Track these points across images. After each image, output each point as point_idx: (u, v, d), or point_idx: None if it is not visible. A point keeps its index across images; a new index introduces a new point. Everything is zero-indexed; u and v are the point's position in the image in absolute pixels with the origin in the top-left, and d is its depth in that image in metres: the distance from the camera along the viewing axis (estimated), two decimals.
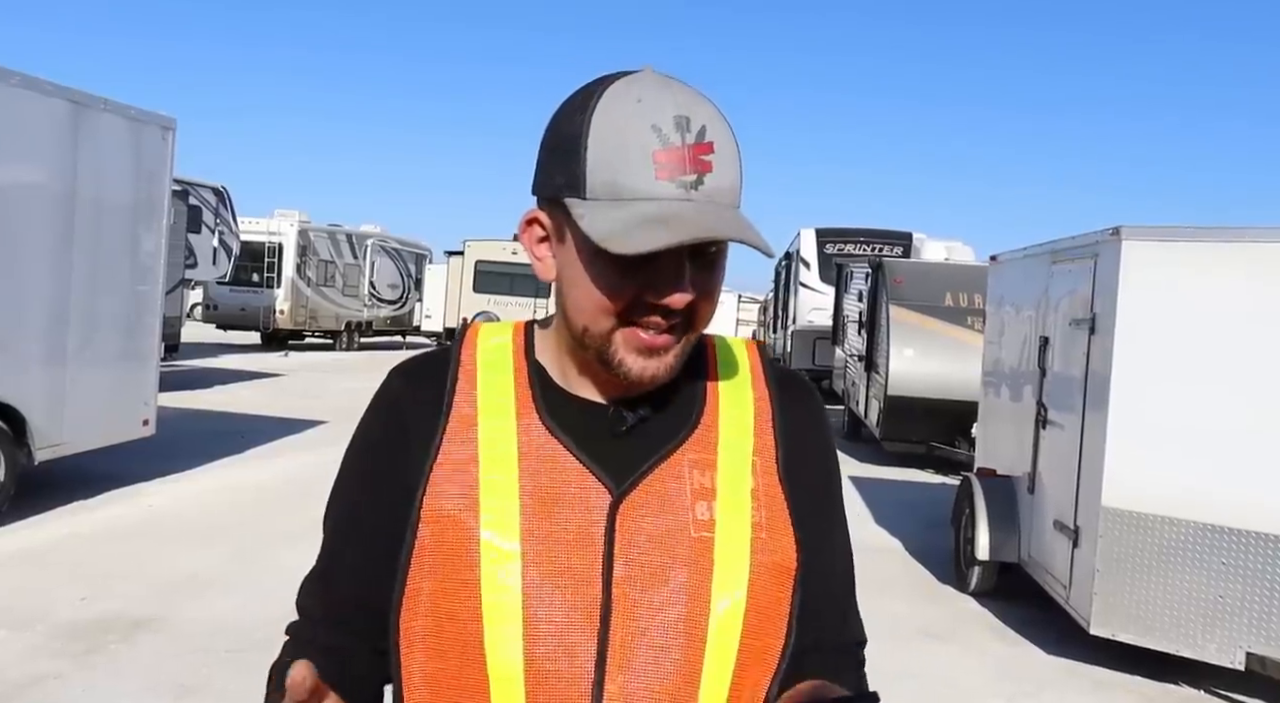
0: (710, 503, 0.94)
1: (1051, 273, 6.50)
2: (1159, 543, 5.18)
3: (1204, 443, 5.07)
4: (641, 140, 0.87)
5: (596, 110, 0.89)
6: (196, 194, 15.91)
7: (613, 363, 0.93)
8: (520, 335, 1.04)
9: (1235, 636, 4.99)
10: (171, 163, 8.49)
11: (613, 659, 0.89)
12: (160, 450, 8.94)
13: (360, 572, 0.99)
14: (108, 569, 5.97)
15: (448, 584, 0.91)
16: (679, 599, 0.91)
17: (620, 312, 0.91)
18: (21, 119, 6.80)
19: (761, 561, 0.94)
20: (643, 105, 0.88)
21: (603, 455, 0.94)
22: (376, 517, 0.98)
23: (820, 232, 20.26)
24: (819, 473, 1.05)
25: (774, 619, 0.95)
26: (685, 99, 0.89)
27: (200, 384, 15.40)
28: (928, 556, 7.86)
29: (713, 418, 0.99)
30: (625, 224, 0.86)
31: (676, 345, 0.93)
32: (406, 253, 29.38)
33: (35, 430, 7.05)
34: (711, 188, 0.88)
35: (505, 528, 0.91)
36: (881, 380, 12.11)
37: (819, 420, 1.08)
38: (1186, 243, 5.28)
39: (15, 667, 4.51)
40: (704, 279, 0.91)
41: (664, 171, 0.86)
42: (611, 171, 0.87)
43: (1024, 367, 7.01)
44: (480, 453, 0.94)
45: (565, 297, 0.95)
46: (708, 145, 0.88)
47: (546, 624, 0.89)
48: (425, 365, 1.04)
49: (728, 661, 0.91)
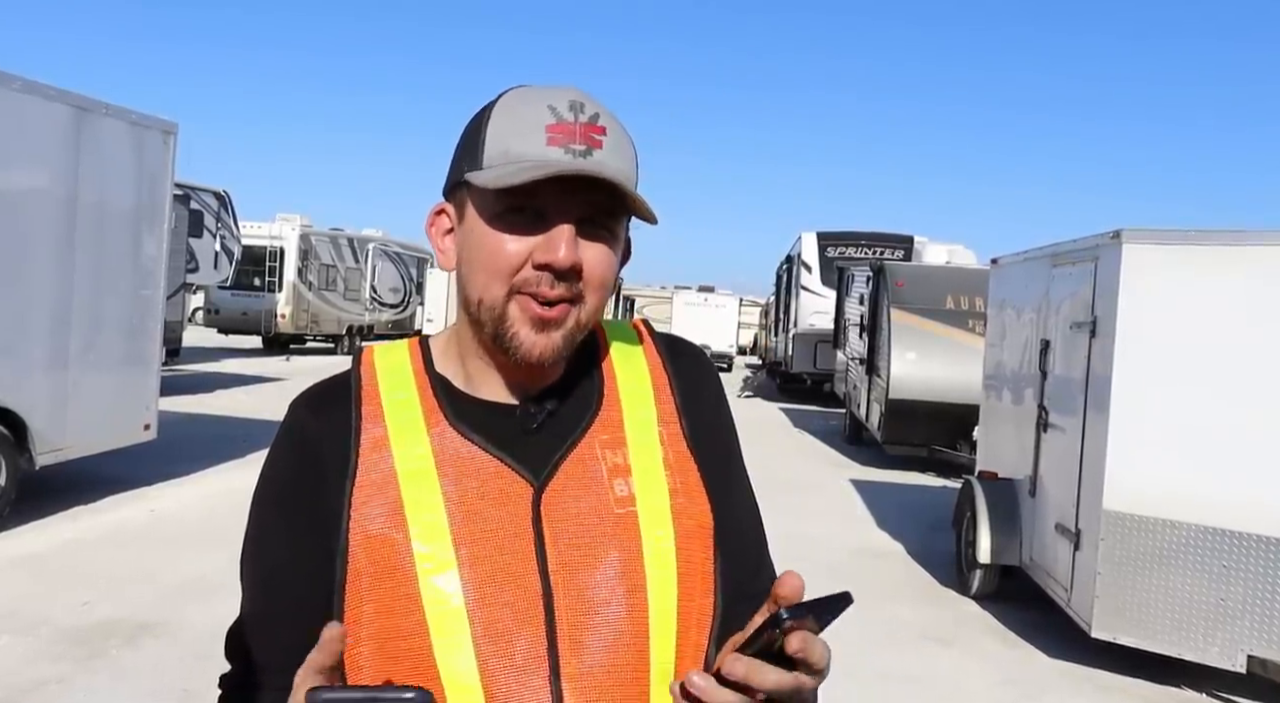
0: (627, 479, 0.97)
1: (1052, 276, 6.51)
2: (1160, 546, 5.18)
3: (1205, 446, 5.07)
4: (536, 115, 0.93)
5: (498, 102, 0.96)
6: (198, 198, 15.93)
7: (507, 337, 0.94)
8: (416, 351, 1.05)
9: (1237, 638, 4.99)
10: (173, 167, 8.51)
11: (564, 644, 0.90)
12: (162, 455, 8.95)
13: (298, 612, 0.95)
14: (110, 574, 5.98)
15: (389, 603, 0.91)
16: (614, 574, 0.93)
17: (512, 273, 0.93)
18: (23, 124, 6.82)
19: (683, 525, 0.97)
20: (542, 92, 0.95)
21: (518, 452, 0.96)
22: (303, 553, 0.96)
23: (821, 235, 20.28)
24: (719, 431, 1.08)
25: (703, 578, 0.98)
26: (583, 94, 0.95)
27: (202, 388, 15.41)
28: (929, 559, 7.86)
29: (614, 397, 1.02)
30: (508, 171, 0.91)
31: (565, 323, 0.95)
32: (408, 257, 29.41)
33: (37, 435, 7.05)
34: (600, 160, 0.92)
35: (436, 538, 0.92)
36: (883, 384, 12.11)
37: (711, 380, 1.11)
38: (1187, 246, 5.29)
39: (18, 672, 4.51)
40: (594, 249, 0.94)
41: (555, 141, 0.92)
42: (506, 142, 0.93)
43: (1025, 370, 7.01)
44: (398, 469, 0.95)
45: (463, 277, 0.98)
46: (600, 127, 0.93)
47: (493, 624, 0.90)
48: (326, 393, 1.03)
49: (669, 625, 0.93)
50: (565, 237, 0.92)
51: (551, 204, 0.92)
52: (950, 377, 11.30)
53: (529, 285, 0.93)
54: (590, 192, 0.91)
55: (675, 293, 32.00)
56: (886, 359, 12.02)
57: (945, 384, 11.36)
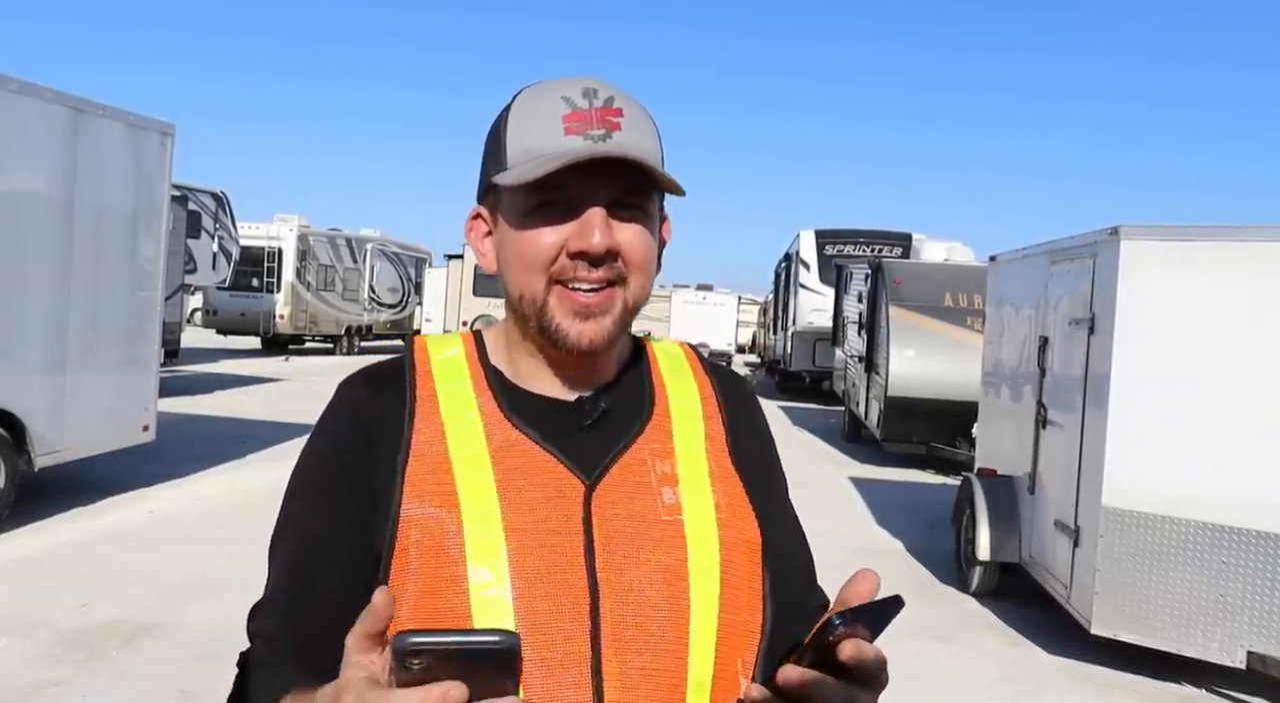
0: (674, 488, 0.98)
1: (1050, 273, 6.51)
2: (1160, 542, 5.18)
3: (1204, 442, 5.08)
4: (551, 108, 0.94)
5: (514, 102, 0.98)
6: (196, 199, 15.92)
7: (551, 329, 0.95)
8: (470, 343, 1.06)
9: (1236, 634, 4.99)
10: (170, 168, 8.50)
11: (607, 642, 0.90)
12: (161, 456, 8.95)
13: (337, 587, 0.93)
14: (109, 575, 5.97)
15: (433, 584, 0.90)
16: (659, 579, 0.93)
17: (549, 266, 0.94)
18: (20, 125, 6.81)
19: (728, 538, 0.97)
20: (555, 85, 0.96)
21: (570, 448, 0.97)
22: (347, 529, 0.95)
23: (820, 233, 20.29)
24: (764, 456, 1.10)
25: (747, 594, 0.98)
26: (596, 80, 0.96)
27: (200, 389, 15.40)
28: (929, 556, 7.86)
29: (664, 409, 1.04)
30: (532, 166, 0.92)
31: (613, 307, 0.96)
32: (406, 257, 29.39)
33: (35, 437, 7.05)
34: (620, 141, 0.93)
35: (487, 523, 0.91)
36: (882, 381, 12.11)
37: (755, 406, 1.14)
38: (1185, 242, 5.29)
39: (18, 674, 4.51)
40: (629, 229, 0.95)
41: (573, 129, 0.93)
42: (525, 139, 0.94)
43: (1024, 367, 7.01)
44: (451, 453, 0.95)
45: (504, 275, 0.99)
46: (616, 110, 0.94)
47: (538, 614, 0.89)
48: (381, 374, 1.03)
49: (709, 635, 0.93)
50: (596, 221, 0.92)
51: (579, 192, 0.93)
52: (949, 374, 11.30)
53: (566, 274, 0.94)
54: (615, 174, 0.92)
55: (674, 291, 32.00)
56: (885, 357, 12.02)
57: (944, 381, 11.36)
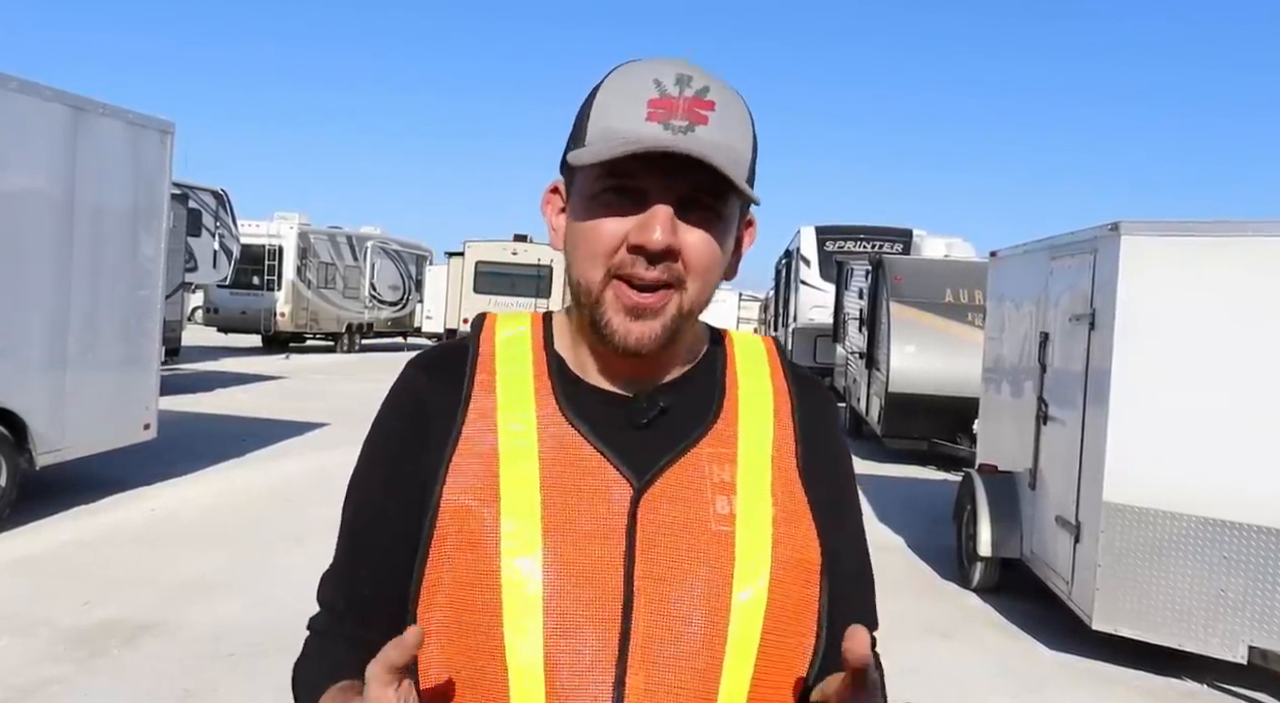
0: (730, 498, 0.93)
1: (1051, 269, 6.50)
2: (1161, 538, 5.18)
3: (1205, 437, 5.07)
4: (639, 88, 0.89)
5: (607, 78, 0.93)
6: (196, 197, 15.92)
7: (601, 323, 0.92)
8: (538, 325, 1.03)
9: (1238, 630, 4.99)
10: (170, 166, 8.50)
11: (634, 654, 0.87)
12: (162, 454, 8.94)
13: (381, 564, 0.97)
14: (110, 574, 5.98)
15: (467, 575, 0.90)
16: (699, 593, 0.89)
17: (609, 257, 0.90)
18: (20, 124, 6.80)
19: (782, 555, 0.93)
20: (650, 65, 0.91)
21: (622, 447, 0.93)
22: (396, 509, 0.97)
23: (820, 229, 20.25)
24: (836, 469, 1.04)
25: (798, 616, 0.94)
26: (695, 67, 0.91)
27: (201, 387, 15.40)
28: (930, 552, 7.86)
29: (732, 412, 0.99)
30: (601, 148, 0.88)
31: (666, 311, 0.91)
32: (407, 254, 29.39)
33: (36, 435, 7.05)
34: (702, 137, 0.87)
35: (526, 520, 0.90)
36: (882, 377, 12.11)
37: (833, 418, 1.08)
38: (1186, 238, 5.28)
39: (19, 672, 4.51)
40: (694, 233, 0.90)
41: (655, 115, 0.87)
42: (607, 118, 0.90)
43: (1024, 363, 7.01)
44: (500, 445, 0.93)
45: (568, 258, 0.96)
46: (708, 102, 0.88)
47: (567, 617, 0.87)
48: (444, 357, 1.03)
49: (748, 656, 0.89)
50: (660, 218, 0.88)
51: (652, 184, 0.88)
52: (949, 370, 11.29)
53: (624, 268, 0.90)
54: (692, 171, 0.86)
55: None
56: (886, 353, 12.02)
57: (945, 378, 11.35)
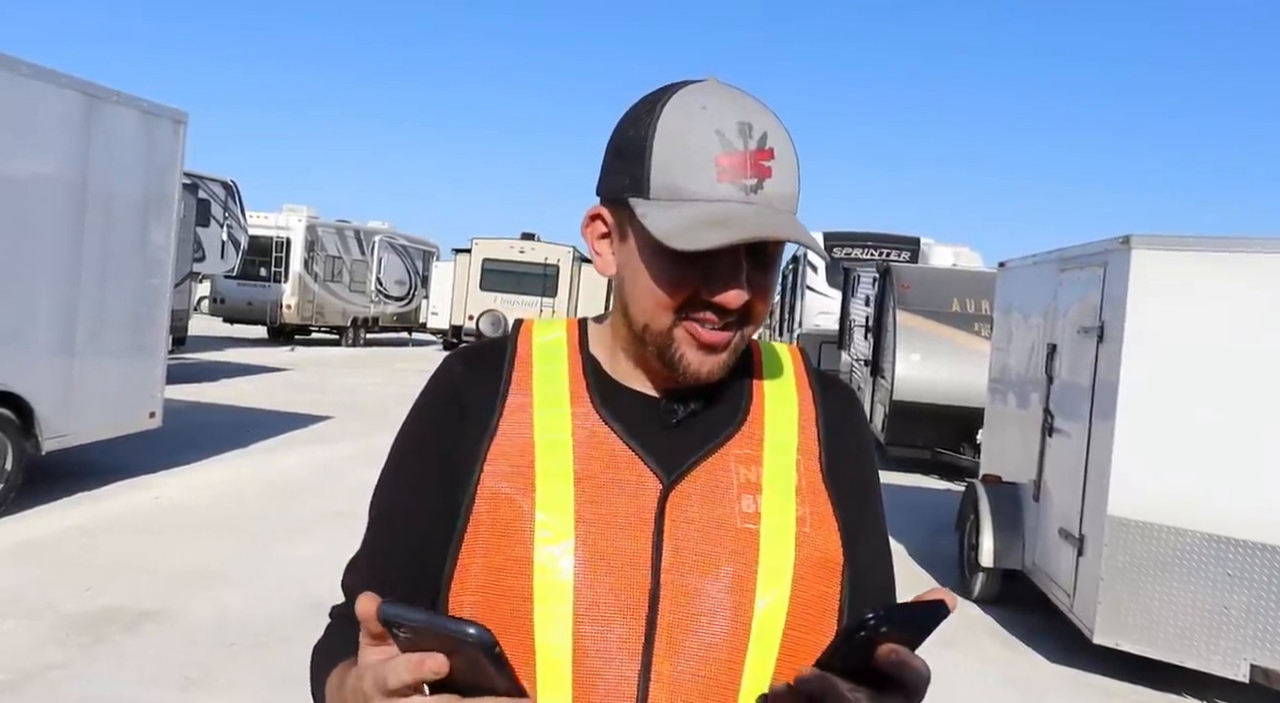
0: (756, 497, 0.96)
1: (1060, 280, 6.50)
2: (1164, 553, 5.18)
3: (1211, 452, 5.07)
4: (705, 144, 0.91)
5: (662, 115, 0.93)
6: (206, 188, 15.94)
7: (674, 359, 0.96)
8: (574, 331, 1.07)
9: (1240, 647, 4.98)
10: (182, 156, 8.52)
11: (660, 643, 0.90)
12: (166, 443, 8.96)
13: (413, 550, 1.00)
14: (113, 561, 5.99)
15: (500, 561, 0.93)
16: (724, 588, 0.92)
17: (678, 308, 0.94)
18: (34, 110, 6.82)
19: (806, 555, 0.96)
20: (707, 112, 0.92)
21: (653, 446, 0.97)
22: (432, 495, 0.99)
23: (828, 235, 20.24)
24: (860, 473, 1.07)
25: (820, 614, 0.96)
26: (749, 107, 0.93)
27: (207, 377, 15.43)
28: (932, 561, 7.85)
29: (758, 415, 1.02)
30: (686, 223, 0.89)
31: (733, 342, 0.96)
32: (414, 250, 29.42)
33: (43, 421, 7.07)
34: (770, 193, 0.92)
35: (559, 510, 0.93)
36: (887, 385, 12.10)
37: (859, 423, 1.10)
38: (1196, 252, 5.28)
39: (22, 657, 4.52)
40: (760, 278, 0.95)
41: (725, 175, 0.90)
42: (674, 174, 0.91)
43: (1031, 374, 7.00)
44: (535, 438, 0.97)
45: (626, 293, 0.98)
46: (769, 152, 0.92)
47: (596, 606, 0.90)
48: (482, 353, 1.06)
49: (770, 650, 0.92)
50: (738, 278, 0.92)
51: None
52: (955, 379, 11.29)
53: (695, 313, 0.94)
54: None
55: None
56: (891, 361, 12.01)
57: (950, 387, 11.34)
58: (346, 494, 7.66)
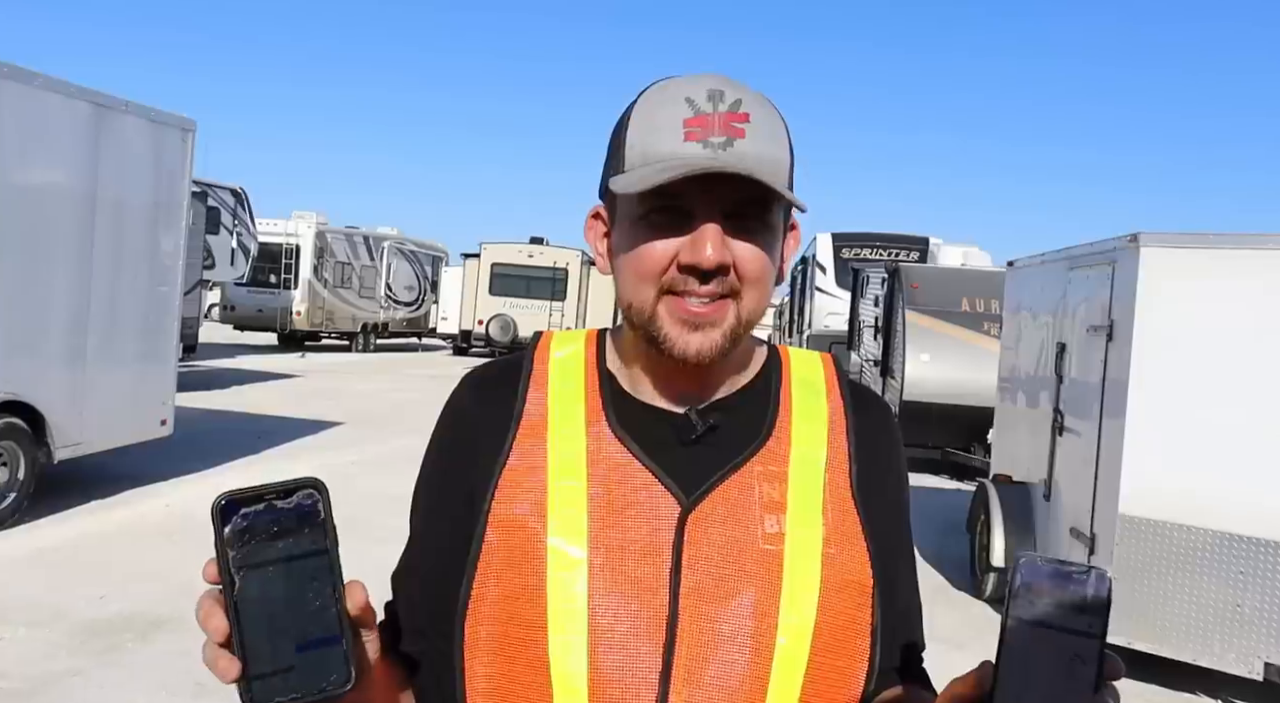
0: (780, 517, 0.92)
1: (1069, 279, 6.48)
2: (1176, 551, 5.15)
3: (1222, 451, 5.04)
4: (673, 111, 0.89)
5: (639, 99, 0.94)
6: (215, 195, 16.01)
7: (660, 338, 0.92)
8: (592, 344, 1.04)
9: (1253, 645, 4.96)
10: (191, 164, 8.56)
11: (678, 671, 0.87)
12: (178, 450, 8.99)
13: (428, 577, 0.99)
14: (126, 569, 6.01)
15: (514, 589, 0.90)
16: (746, 612, 0.89)
17: (658, 276, 0.91)
18: (44, 120, 6.86)
19: (831, 576, 0.92)
20: (680, 85, 0.91)
21: (672, 464, 0.93)
22: (443, 527, 0.98)
23: (836, 236, 20.22)
24: (890, 489, 1.02)
25: (848, 638, 0.92)
26: (726, 80, 0.91)
27: (217, 385, 15.48)
28: (943, 561, 7.83)
29: (785, 429, 0.98)
30: (644, 174, 0.88)
31: (724, 320, 0.91)
32: (423, 255, 29.47)
33: (55, 429, 7.10)
34: (743, 151, 0.88)
35: (573, 535, 0.90)
36: (897, 385, 12.07)
37: (892, 437, 1.06)
38: (1206, 250, 5.26)
39: (35, 664, 4.55)
40: (744, 246, 0.90)
41: (693, 135, 0.88)
42: (644, 142, 0.90)
43: (1041, 373, 6.98)
44: (550, 460, 0.94)
45: (616, 281, 0.96)
46: (743, 115, 0.89)
47: (612, 633, 0.87)
48: (497, 375, 1.04)
49: (795, 676, 0.88)
50: (710, 236, 0.88)
51: (695, 202, 0.89)
52: (965, 379, 11.25)
53: (677, 285, 0.90)
54: (736, 185, 0.87)
55: None
56: (901, 361, 11.98)
57: (960, 386, 11.31)
58: (357, 501, 7.66)
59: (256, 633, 0.71)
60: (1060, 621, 0.71)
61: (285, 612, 0.71)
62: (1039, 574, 0.71)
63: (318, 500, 0.73)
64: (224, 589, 0.72)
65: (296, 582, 0.72)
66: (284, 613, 0.71)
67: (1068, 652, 0.70)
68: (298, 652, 0.71)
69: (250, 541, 0.71)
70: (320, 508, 0.73)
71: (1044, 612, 0.71)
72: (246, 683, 0.70)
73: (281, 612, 0.71)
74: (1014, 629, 0.71)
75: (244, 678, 0.71)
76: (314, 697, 0.71)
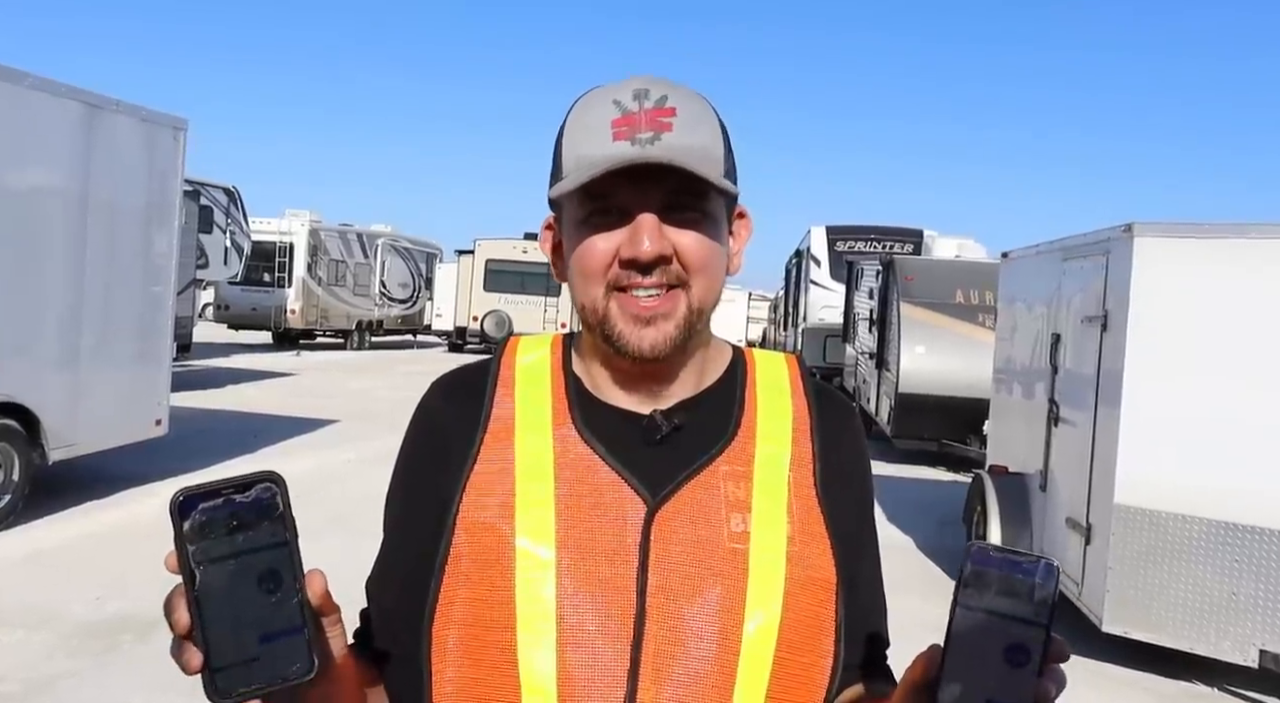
0: (745, 515, 0.93)
1: (1063, 270, 6.48)
2: (1172, 540, 5.17)
3: (1217, 440, 5.05)
4: (602, 113, 0.93)
5: (571, 111, 0.97)
6: (208, 194, 15.97)
7: (613, 337, 0.94)
8: (558, 348, 1.06)
9: (1249, 633, 4.98)
10: (183, 163, 8.53)
11: (646, 669, 0.88)
12: (173, 450, 8.97)
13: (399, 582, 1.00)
14: (122, 569, 6.00)
15: (482, 592, 0.91)
16: (712, 610, 0.90)
17: (603, 273, 0.93)
18: (35, 121, 6.84)
19: (796, 574, 0.93)
20: (607, 90, 0.95)
21: (638, 465, 0.94)
22: (415, 528, 0.99)
23: (831, 229, 20.23)
24: (854, 488, 1.03)
25: (813, 635, 0.94)
26: (653, 79, 0.94)
27: (212, 384, 15.46)
28: (939, 553, 7.85)
29: (749, 429, 0.99)
30: (576, 176, 0.91)
31: (675, 312, 0.94)
32: (417, 252, 29.45)
33: (49, 431, 7.09)
34: (670, 143, 0.90)
35: (541, 537, 0.91)
36: (893, 378, 12.09)
37: (856, 437, 1.07)
38: (1200, 239, 5.26)
39: (32, 666, 4.54)
40: (684, 234, 0.93)
41: (621, 134, 0.91)
42: (578, 148, 0.93)
43: (1036, 364, 6.99)
44: (517, 463, 0.95)
45: (570, 286, 0.99)
46: (669, 110, 0.92)
47: (580, 633, 0.88)
48: (464, 379, 1.05)
49: (762, 674, 0.90)
50: (646, 228, 0.91)
51: (630, 199, 0.92)
52: (960, 371, 11.27)
53: (622, 281, 0.93)
54: (665, 178, 0.90)
55: None
56: (896, 353, 11.99)
57: (955, 378, 11.33)
58: (353, 499, 7.66)
59: (218, 625, 0.72)
60: (1008, 609, 0.73)
61: (246, 604, 0.72)
62: (989, 562, 0.74)
63: (276, 494, 0.74)
64: (185, 583, 0.73)
65: (257, 574, 0.73)
66: (245, 605, 0.72)
67: (1014, 638, 0.72)
68: (260, 643, 0.72)
69: (209, 535, 0.72)
70: (279, 501, 0.74)
71: (992, 600, 0.73)
72: (210, 674, 0.71)
73: (243, 604, 0.72)
74: (961, 616, 0.73)
75: (207, 669, 0.71)
76: (276, 686, 0.72)
